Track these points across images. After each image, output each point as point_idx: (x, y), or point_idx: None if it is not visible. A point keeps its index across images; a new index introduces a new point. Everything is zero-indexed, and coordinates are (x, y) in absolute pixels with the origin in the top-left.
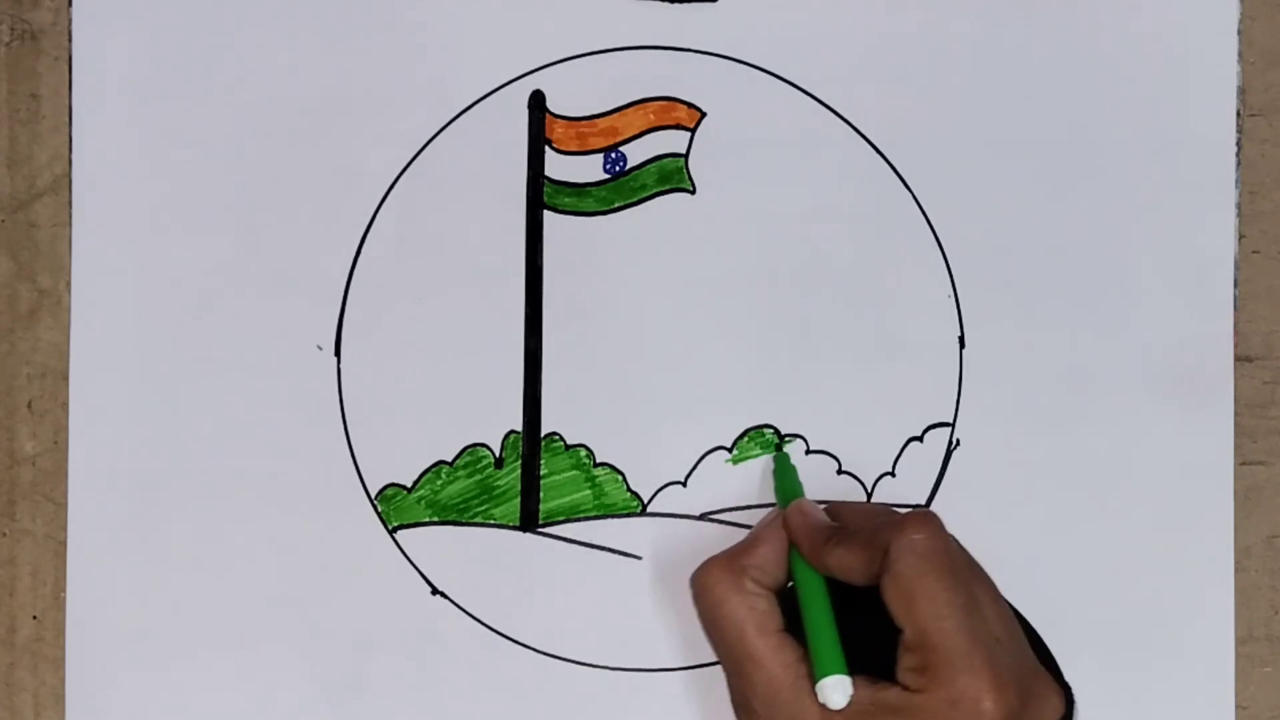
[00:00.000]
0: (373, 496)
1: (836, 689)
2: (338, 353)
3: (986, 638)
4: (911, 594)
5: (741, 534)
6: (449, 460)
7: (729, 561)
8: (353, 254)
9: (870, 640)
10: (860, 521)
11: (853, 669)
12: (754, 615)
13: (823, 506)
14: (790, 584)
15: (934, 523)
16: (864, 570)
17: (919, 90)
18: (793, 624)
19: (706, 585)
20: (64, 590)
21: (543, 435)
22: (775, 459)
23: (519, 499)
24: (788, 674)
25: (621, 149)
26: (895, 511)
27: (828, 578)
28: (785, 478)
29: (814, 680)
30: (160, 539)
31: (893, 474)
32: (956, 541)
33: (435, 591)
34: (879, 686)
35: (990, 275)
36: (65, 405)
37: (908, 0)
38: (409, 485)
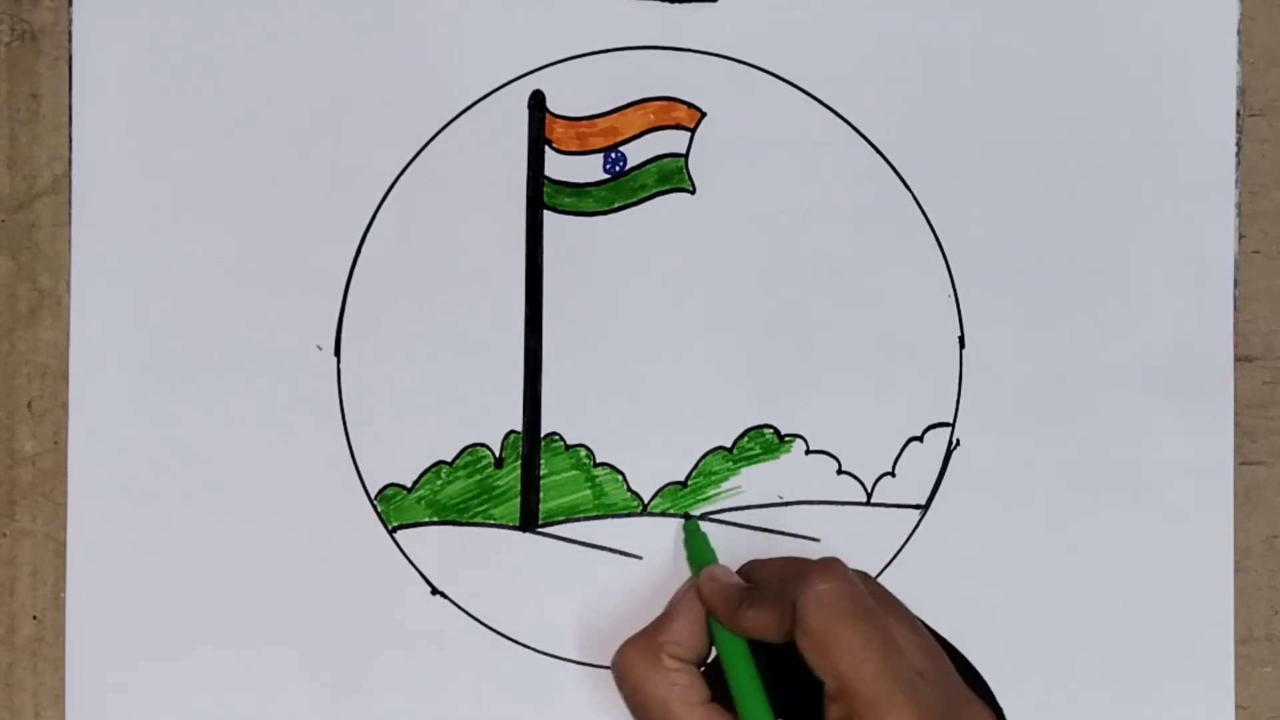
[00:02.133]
0: (373, 496)
1: None
2: (338, 353)
3: (907, 674)
4: (825, 645)
5: (741, 534)
6: (449, 460)
7: (644, 641)
8: (353, 254)
9: (802, 694)
10: (770, 577)
11: None
12: (676, 690)
13: (738, 568)
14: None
15: (838, 569)
16: (778, 628)
17: (919, 90)
18: (722, 693)
19: (624, 669)
20: (64, 590)
21: (543, 435)
22: (685, 528)
23: (519, 499)
24: None
25: (621, 149)
26: (806, 562)
27: (750, 640)
28: (696, 546)
29: None
30: (160, 539)
31: (893, 474)
32: (867, 580)
33: (435, 591)
34: None
35: (990, 275)
36: (65, 405)
37: (908, 0)
38: (409, 485)
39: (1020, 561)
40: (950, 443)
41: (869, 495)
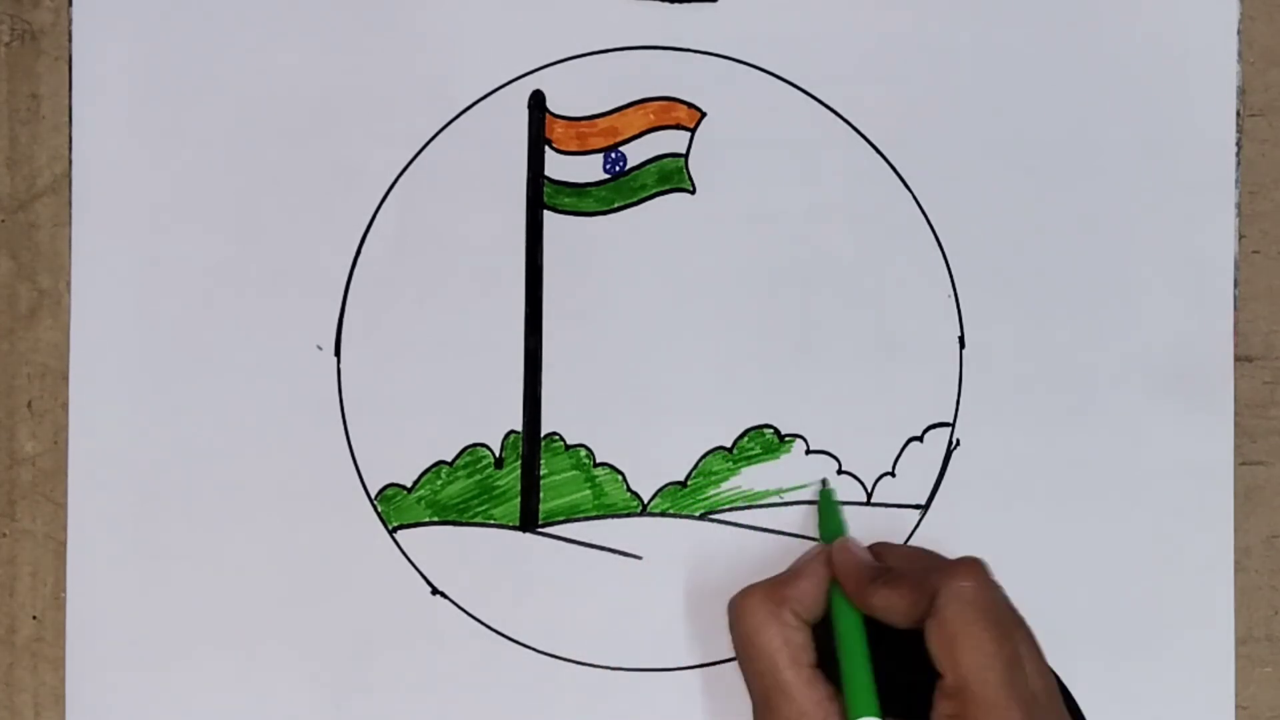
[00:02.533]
0: (373, 496)
1: None
2: (338, 353)
3: (1025, 693)
4: (956, 641)
5: (741, 534)
6: (449, 460)
7: (770, 590)
8: (353, 254)
9: (899, 684)
10: (905, 563)
11: (888, 710)
12: (789, 647)
13: (876, 543)
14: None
15: (983, 571)
16: (908, 613)
17: (919, 90)
18: (824, 661)
19: (745, 611)
20: (64, 590)
21: (543, 435)
22: (820, 494)
23: (519, 499)
24: (818, 710)
25: (621, 149)
26: (941, 556)
27: (866, 617)
28: (829, 513)
29: (845, 719)
30: (160, 539)
31: (893, 474)
32: (1003, 592)
33: (435, 591)
34: None
35: (990, 275)
36: (65, 405)
37: (907, 0)
38: (409, 485)
39: (1020, 561)
40: (950, 443)
41: (869, 495)
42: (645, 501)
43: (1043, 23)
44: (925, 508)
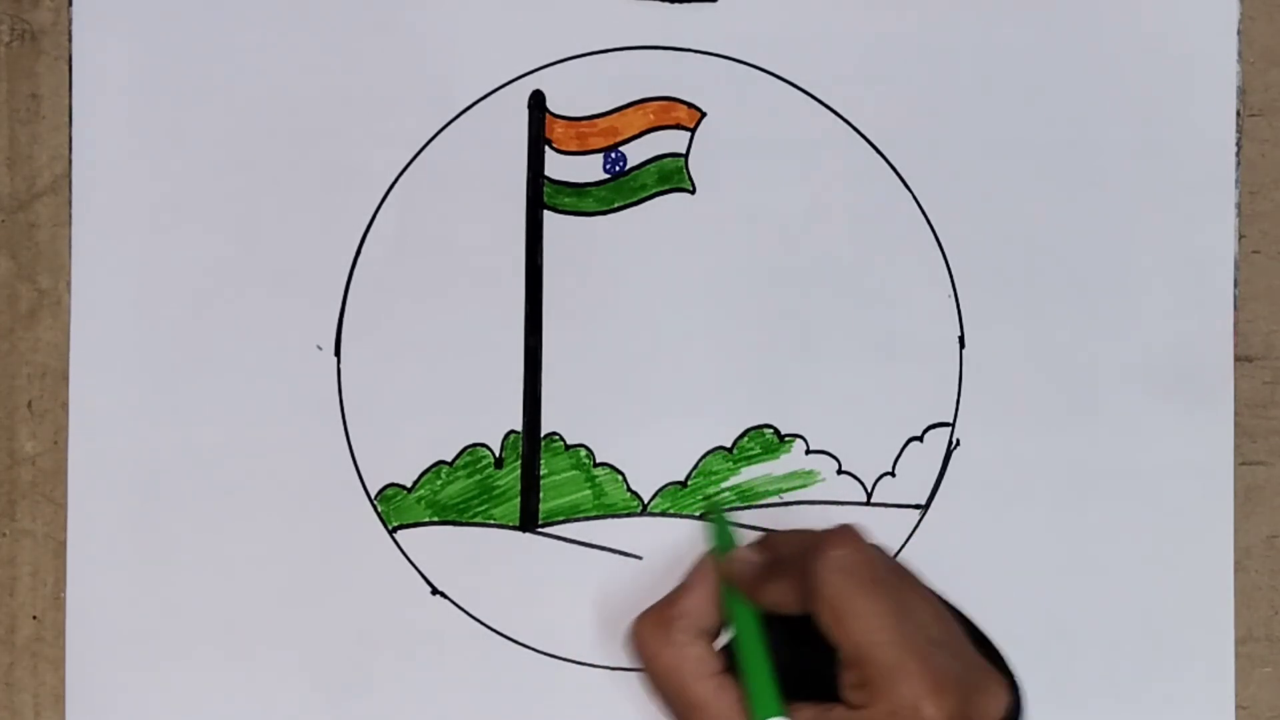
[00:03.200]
0: (373, 496)
1: None
2: (338, 353)
3: (920, 642)
4: (839, 612)
5: (741, 534)
6: (449, 460)
7: (657, 614)
8: (353, 254)
9: (821, 664)
10: (789, 549)
11: (806, 694)
12: (688, 663)
13: (760, 536)
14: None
15: (852, 536)
16: (797, 598)
17: (919, 90)
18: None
19: (638, 643)
20: (64, 590)
21: (543, 435)
22: (710, 521)
23: (519, 499)
24: (732, 713)
25: (621, 149)
26: (820, 532)
27: (771, 614)
28: (721, 533)
29: None
30: (160, 539)
31: (893, 474)
32: (881, 549)
33: (435, 591)
34: (824, 708)
35: (990, 275)
36: (65, 405)
37: (907, 0)
38: (409, 485)
39: (1020, 561)
40: (950, 443)
41: (869, 495)
42: (645, 501)
43: (1043, 23)
44: (925, 508)
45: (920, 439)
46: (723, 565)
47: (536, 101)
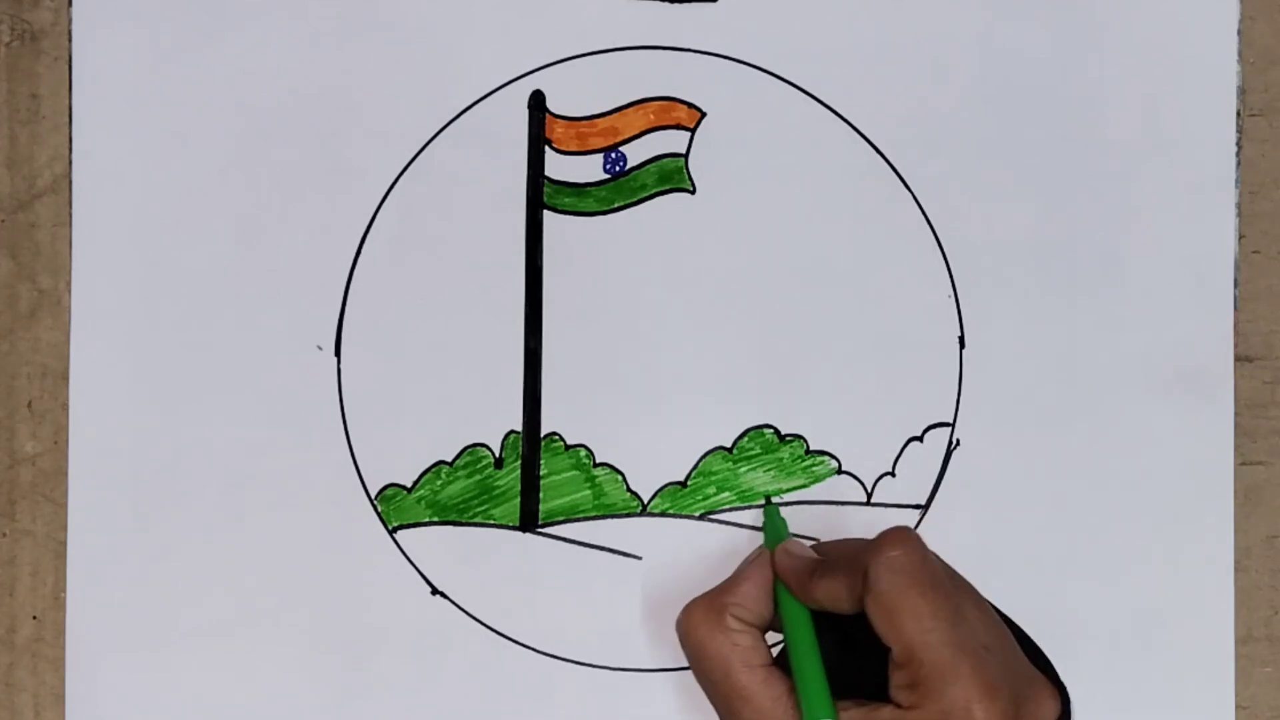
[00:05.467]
0: (373, 496)
1: None
2: (338, 353)
3: (973, 646)
4: (893, 611)
5: (741, 534)
6: (449, 460)
7: (710, 601)
8: (353, 254)
9: (869, 664)
10: (840, 551)
11: (852, 694)
12: (738, 652)
13: (810, 544)
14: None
15: (909, 538)
16: (849, 597)
17: (919, 90)
18: (784, 659)
19: (689, 627)
20: (64, 590)
21: (543, 435)
22: (765, 511)
23: (519, 499)
24: (776, 706)
25: (621, 149)
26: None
27: (821, 611)
28: (774, 524)
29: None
30: (160, 539)
31: (893, 474)
32: (935, 554)
33: (435, 591)
34: (872, 708)
35: (990, 275)
36: (65, 405)
37: (908, 1)
38: (409, 485)
39: (1020, 561)
40: (950, 443)
41: (869, 495)
42: (645, 501)
43: (1042, 23)
44: (925, 508)
45: (920, 439)
46: (779, 563)
47: (536, 101)
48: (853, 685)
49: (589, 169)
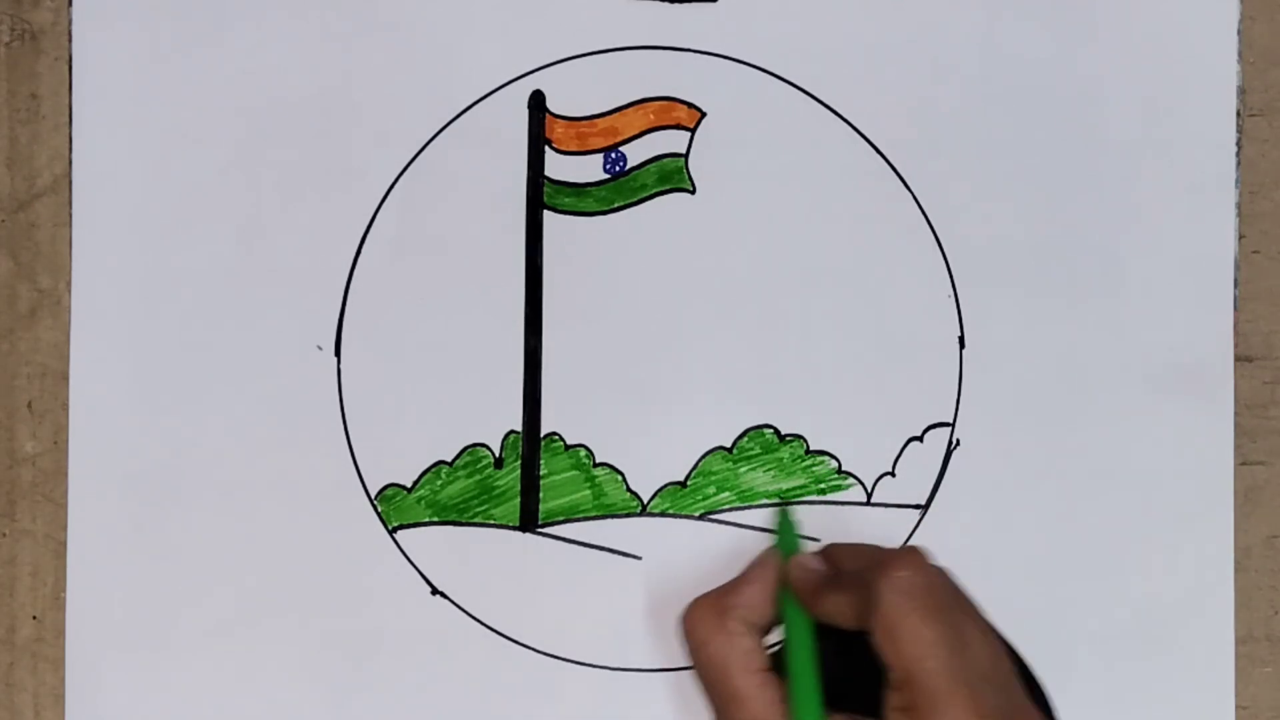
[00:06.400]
0: (373, 496)
1: None
2: (338, 353)
3: (971, 676)
4: (895, 633)
5: (741, 534)
6: (449, 460)
7: (714, 601)
8: (353, 254)
9: (866, 679)
10: (853, 563)
11: (845, 706)
12: (737, 654)
13: (821, 545)
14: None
15: (919, 559)
16: (854, 613)
17: (919, 90)
18: (780, 660)
19: (691, 625)
20: (64, 590)
21: (542, 435)
22: (779, 513)
23: (519, 499)
24: (769, 711)
25: (621, 149)
26: (885, 550)
27: (824, 624)
28: (787, 530)
29: None
30: (160, 539)
31: (893, 474)
32: (945, 575)
33: (435, 591)
34: None
35: (990, 275)
36: (65, 405)
37: (908, 1)
38: (409, 485)
39: (1020, 561)
40: (950, 443)
41: (869, 495)
42: (645, 501)
43: (1042, 23)
44: (925, 508)
45: (920, 439)
46: (784, 569)
47: (536, 101)
48: (846, 698)
49: (589, 169)
